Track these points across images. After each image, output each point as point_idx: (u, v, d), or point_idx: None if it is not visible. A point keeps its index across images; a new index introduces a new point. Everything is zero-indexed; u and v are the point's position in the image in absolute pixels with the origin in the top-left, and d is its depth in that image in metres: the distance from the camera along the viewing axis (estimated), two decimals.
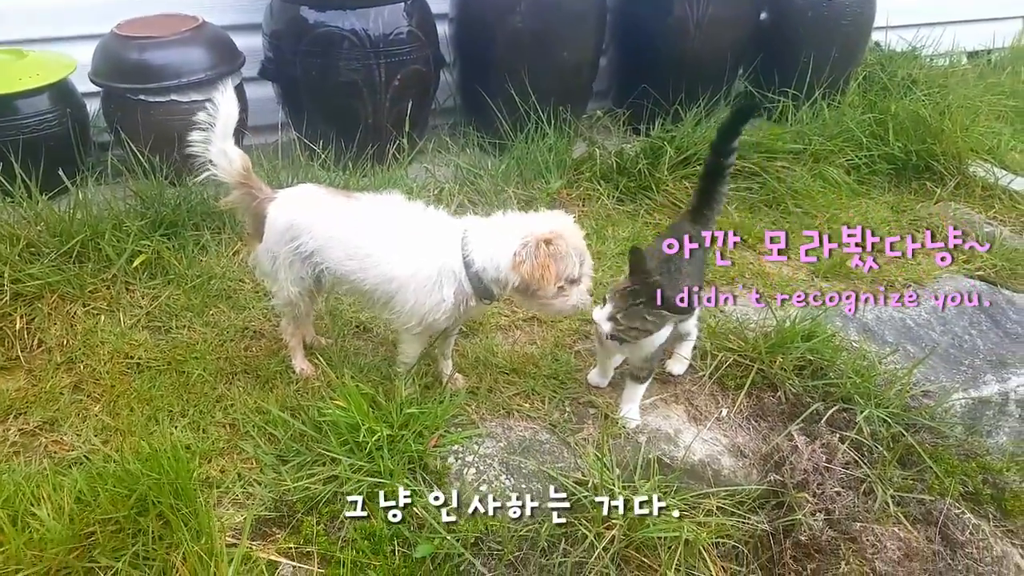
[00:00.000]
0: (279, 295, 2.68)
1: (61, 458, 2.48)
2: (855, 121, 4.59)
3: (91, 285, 3.18)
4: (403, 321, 2.53)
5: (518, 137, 4.25)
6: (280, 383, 2.79)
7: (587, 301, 2.48)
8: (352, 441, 2.38)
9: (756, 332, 3.03)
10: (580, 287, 2.45)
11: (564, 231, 2.39)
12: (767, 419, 2.81)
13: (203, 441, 2.53)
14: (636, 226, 3.90)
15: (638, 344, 2.49)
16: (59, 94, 3.84)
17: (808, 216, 4.10)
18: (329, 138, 4.04)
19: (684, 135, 4.23)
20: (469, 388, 2.78)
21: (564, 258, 2.36)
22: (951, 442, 2.78)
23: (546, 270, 2.32)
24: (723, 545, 2.40)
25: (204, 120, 2.53)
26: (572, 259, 2.38)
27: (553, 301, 2.43)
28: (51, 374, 2.82)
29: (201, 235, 3.50)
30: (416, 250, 2.46)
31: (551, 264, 2.33)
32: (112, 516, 2.13)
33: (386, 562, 2.15)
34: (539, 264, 2.32)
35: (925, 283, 3.63)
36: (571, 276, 2.39)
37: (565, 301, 2.44)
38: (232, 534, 2.21)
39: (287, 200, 2.60)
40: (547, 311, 2.57)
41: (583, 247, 2.44)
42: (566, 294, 2.42)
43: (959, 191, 4.41)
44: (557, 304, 2.45)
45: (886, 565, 2.34)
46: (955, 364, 3.18)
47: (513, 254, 2.34)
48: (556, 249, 2.34)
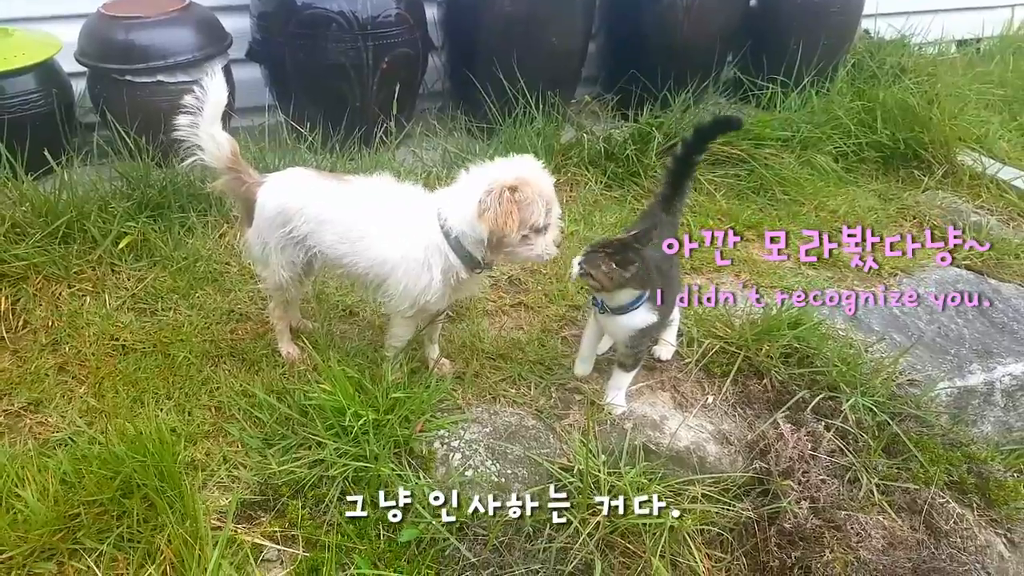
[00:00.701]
0: (269, 280, 2.66)
1: (46, 439, 2.46)
2: (843, 109, 4.59)
3: (76, 266, 3.16)
4: (396, 304, 2.51)
5: (506, 121, 4.22)
6: (266, 366, 2.78)
7: (553, 251, 2.43)
8: (338, 425, 2.38)
9: (743, 319, 3.04)
10: (547, 236, 2.40)
11: (530, 177, 2.33)
12: (753, 406, 2.82)
13: (188, 424, 2.52)
14: (624, 212, 3.89)
15: (617, 322, 2.50)
16: (44, 74, 3.79)
17: (796, 204, 4.10)
18: (316, 121, 4.01)
19: (672, 121, 4.23)
20: (455, 373, 2.78)
21: (529, 205, 2.29)
22: (936, 431, 2.80)
23: (509, 217, 2.26)
24: (708, 532, 2.42)
25: (191, 103, 2.49)
26: (538, 206, 2.31)
27: (518, 249, 2.39)
28: (36, 355, 2.80)
29: (187, 217, 3.48)
30: (404, 231, 2.44)
31: (514, 210, 2.26)
32: (97, 498, 2.12)
33: (371, 546, 2.15)
34: (503, 211, 2.25)
35: (912, 272, 3.65)
36: (536, 224, 2.33)
37: (530, 250, 2.40)
38: (217, 517, 2.21)
39: (277, 184, 2.58)
40: (513, 260, 2.54)
41: (551, 194, 2.37)
42: (531, 243, 2.38)
43: (947, 180, 4.43)
44: (522, 252, 2.41)
45: (870, 553, 2.36)
46: (941, 353, 3.21)
47: (478, 202, 2.29)
48: (521, 195, 2.28)
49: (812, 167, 4.32)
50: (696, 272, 3.52)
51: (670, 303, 2.61)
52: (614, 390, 2.68)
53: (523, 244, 2.38)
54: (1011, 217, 4.22)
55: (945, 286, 3.57)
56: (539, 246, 2.40)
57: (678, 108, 4.32)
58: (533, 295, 3.25)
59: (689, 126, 4.18)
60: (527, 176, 2.33)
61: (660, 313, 2.53)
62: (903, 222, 4.11)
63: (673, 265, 2.67)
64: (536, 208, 2.32)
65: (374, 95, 4.09)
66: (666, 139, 4.13)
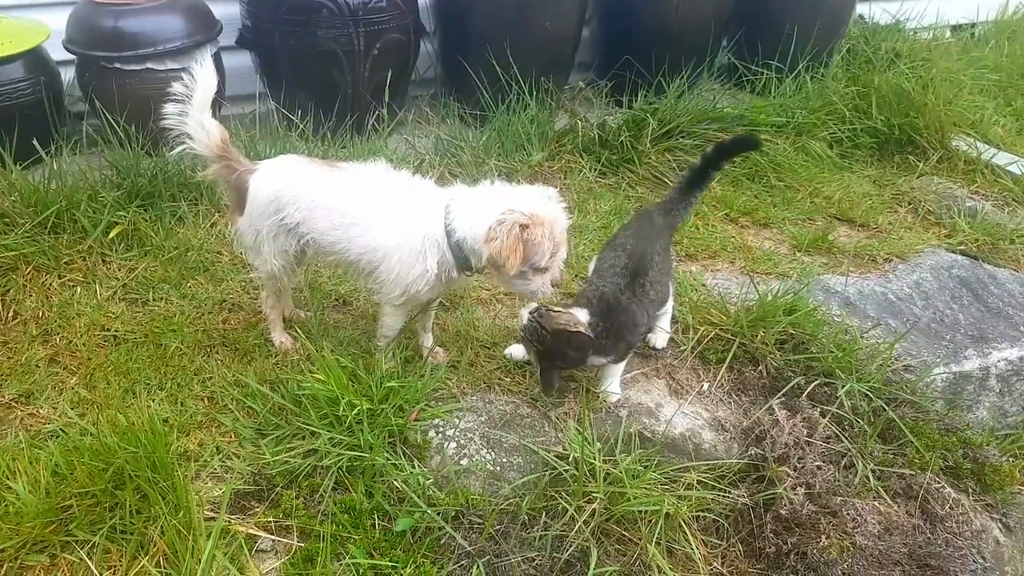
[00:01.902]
0: (261, 268, 2.64)
1: (37, 431, 2.44)
2: (838, 94, 4.58)
3: (67, 256, 3.13)
4: (387, 292, 2.50)
5: (499, 108, 4.21)
6: (259, 356, 2.76)
7: (548, 291, 2.44)
8: (332, 415, 2.36)
9: (738, 306, 3.03)
10: (545, 276, 2.40)
11: (546, 217, 2.32)
12: (748, 393, 2.81)
13: (181, 414, 2.50)
14: (618, 199, 3.88)
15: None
16: (32, 62, 3.75)
17: (790, 190, 4.10)
18: (308, 108, 3.98)
19: (667, 107, 4.21)
20: (450, 362, 2.76)
21: (536, 246, 2.30)
22: (932, 416, 2.80)
23: (513, 253, 2.27)
24: (703, 518, 2.42)
25: (180, 92, 2.46)
26: (544, 248, 2.31)
27: (513, 281, 2.41)
28: (27, 346, 2.78)
29: (178, 206, 3.45)
30: (401, 219, 2.42)
31: (519, 248, 2.27)
32: (89, 490, 2.11)
33: (366, 535, 2.14)
34: (508, 246, 2.26)
35: (907, 257, 3.64)
36: (537, 264, 2.34)
37: (525, 285, 2.42)
38: (210, 508, 2.20)
39: (269, 172, 2.55)
40: (507, 287, 2.57)
41: (562, 237, 2.37)
42: (528, 280, 2.39)
43: (941, 165, 4.42)
44: (517, 285, 2.44)
45: (866, 539, 2.36)
46: (936, 339, 3.20)
47: (488, 228, 2.29)
48: (530, 235, 2.28)
49: (807, 153, 4.31)
50: (691, 259, 3.51)
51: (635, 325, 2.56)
52: (609, 378, 2.67)
53: (520, 278, 2.39)
54: (1006, 202, 4.21)
55: (940, 271, 3.56)
56: (535, 284, 2.41)
57: (672, 94, 4.30)
58: None
59: (684, 112, 4.18)
60: (543, 215, 2.32)
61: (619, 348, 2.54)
62: (898, 208, 4.10)
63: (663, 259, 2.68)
64: (542, 251, 2.32)
65: (365, 82, 4.05)
66: (660, 125, 4.11)
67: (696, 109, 4.23)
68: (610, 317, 2.49)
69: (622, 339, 2.52)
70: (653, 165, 4.06)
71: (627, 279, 2.56)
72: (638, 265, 2.59)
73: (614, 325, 2.48)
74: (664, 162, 4.06)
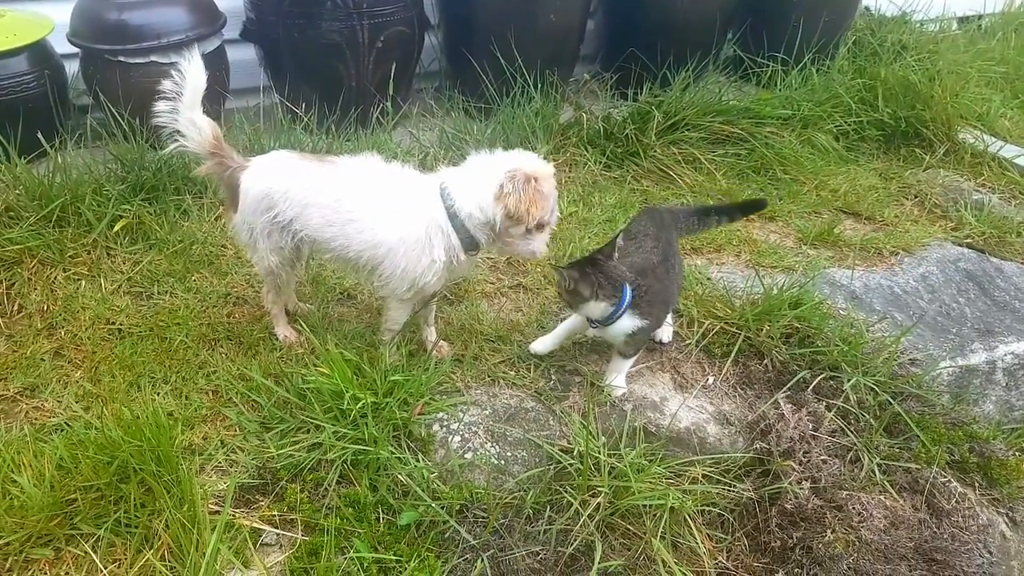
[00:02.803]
0: (259, 265, 2.64)
1: (42, 424, 2.45)
2: (844, 87, 4.56)
3: (71, 250, 3.13)
4: (393, 287, 2.48)
5: (504, 101, 4.19)
6: (263, 350, 2.76)
7: (544, 250, 2.47)
8: (336, 408, 2.36)
9: (743, 300, 3.02)
10: (545, 234, 2.45)
11: (545, 174, 2.38)
12: (753, 387, 2.80)
13: (186, 408, 2.50)
14: (623, 192, 3.86)
15: (607, 332, 2.55)
16: (37, 55, 3.75)
17: (796, 183, 4.08)
18: (312, 101, 3.97)
19: (672, 100, 4.19)
20: (454, 356, 2.76)
21: (547, 199, 2.35)
22: (938, 410, 2.79)
23: (533, 204, 2.31)
24: (708, 513, 2.41)
25: (170, 89, 2.44)
26: (552, 203, 2.38)
27: (518, 241, 2.43)
28: (32, 339, 2.78)
29: (182, 200, 3.45)
30: (400, 213, 2.41)
31: (537, 198, 2.32)
32: (94, 483, 2.11)
33: (370, 529, 2.14)
34: (526, 197, 2.30)
35: (913, 250, 3.62)
36: (544, 220, 2.38)
37: (528, 244, 2.44)
38: (215, 501, 2.20)
39: (260, 168, 2.53)
40: (507, 251, 2.57)
41: (555, 195, 2.43)
42: (531, 238, 2.42)
43: (948, 158, 4.40)
44: (520, 246, 2.45)
45: (872, 533, 2.35)
46: (943, 332, 3.19)
47: (499, 185, 2.31)
48: (541, 187, 2.34)
49: (813, 146, 4.29)
50: (696, 252, 3.49)
51: (666, 302, 2.61)
52: (614, 373, 2.66)
53: (524, 237, 2.41)
54: (1013, 195, 4.19)
55: (947, 265, 3.54)
56: (537, 242, 2.44)
57: (678, 87, 4.27)
58: (532, 277, 3.23)
59: (689, 104, 4.15)
60: (543, 172, 2.37)
61: (652, 315, 2.53)
62: (904, 201, 4.08)
63: (671, 265, 2.65)
64: (551, 204, 2.37)
65: (370, 75, 4.04)
66: (666, 118, 4.09)
67: (701, 102, 4.20)
68: (646, 277, 2.50)
69: (655, 306, 2.52)
70: (658, 158, 4.04)
71: (659, 257, 2.58)
72: (667, 248, 2.62)
73: (649, 290, 2.49)
74: (669, 155, 4.04)
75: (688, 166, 4.04)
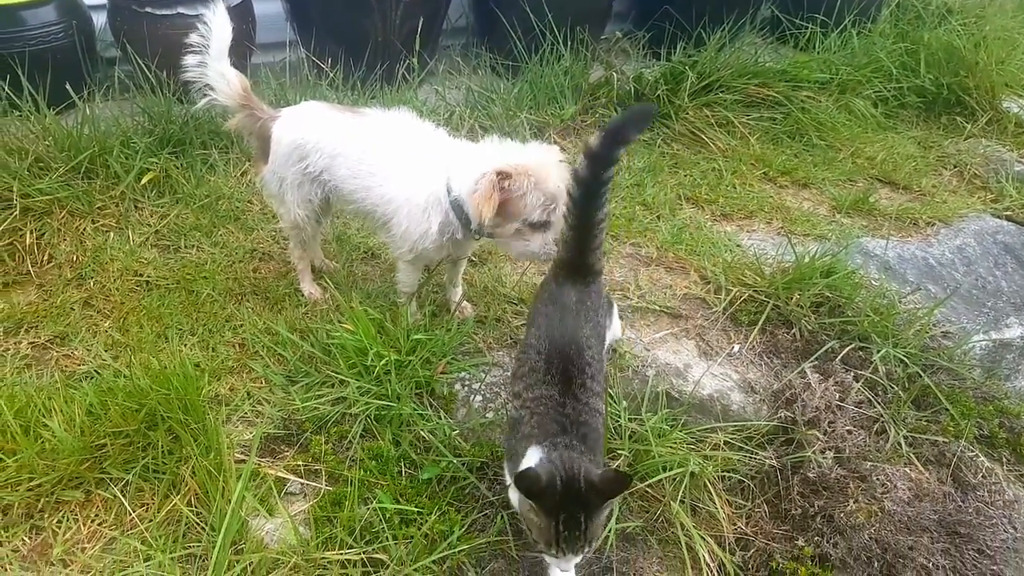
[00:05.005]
0: (285, 218, 2.63)
1: (72, 372, 2.49)
2: (885, 51, 4.43)
3: (100, 202, 3.15)
4: (396, 246, 2.47)
5: (532, 59, 4.11)
6: (288, 305, 2.78)
7: (551, 251, 2.22)
8: (360, 364, 2.37)
9: (773, 268, 2.97)
10: (546, 235, 2.23)
11: (536, 169, 2.16)
12: (780, 356, 2.77)
13: (212, 359, 2.53)
14: (652, 156, 3.80)
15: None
16: (65, 6, 3.74)
17: (832, 149, 3.98)
18: (338, 56, 3.93)
19: (707, 60, 4.09)
20: (477, 317, 2.75)
21: (522, 197, 2.15)
22: (968, 384, 2.74)
23: (486, 201, 2.12)
24: (729, 479, 2.40)
25: (197, 42, 2.42)
26: (531, 200, 2.16)
27: (510, 241, 2.27)
28: (61, 289, 2.81)
29: (209, 154, 3.45)
30: (413, 173, 2.36)
31: (494, 196, 2.12)
32: (123, 430, 2.14)
33: (393, 482, 2.16)
34: (482, 193, 2.13)
35: (950, 222, 3.54)
36: (530, 219, 2.19)
37: (524, 245, 2.26)
38: (241, 451, 2.23)
39: (292, 119, 2.52)
40: (508, 251, 2.41)
41: (557, 192, 2.16)
42: (526, 238, 2.24)
43: (990, 127, 4.27)
44: (514, 246, 2.28)
45: (895, 504, 2.32)
46: (977, 305, 3.12)
47: (474, 182, 2.18)
48: (514, 184, 2.14)
49: (850, 112, 4.18)
50: (726, 219, 3.44)
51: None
52: None
53: (516, 237, 2.25)
54: None
55: (984, 237, 3.45)
56: (535, 244, 2.25)
57: (713, 47, 4.17)
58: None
59: (724, 65, 4.05)
60: (533, 167, 2.16)
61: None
62: (943, 170, 3.97)
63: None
64: (530, 201, 2.15)
65: (396, 30, 3.98)
66: (699, 79, 4.00)
67: (737, 63, 4.10)
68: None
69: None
70: (690, 121, 3.96)
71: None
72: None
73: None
74: (702, 118, 3.96)
75: (721, 129, 3.95)
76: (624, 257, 3.13)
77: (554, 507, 1.68)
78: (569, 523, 1.68)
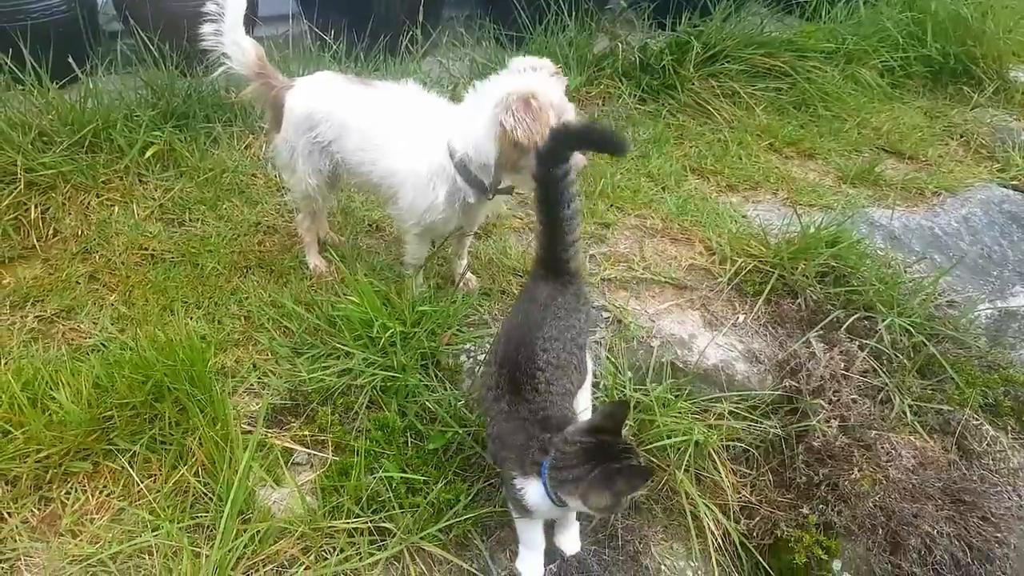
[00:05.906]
0: (296, 188, 2.63)
1: (78, 345, 2.50)
2: (892, 20, 4.38)
3: (104, 175, 3.14)
4: (404, 219, 2.46)
5: (536, 30, 4.07)
6: (294, 278, 2.78)
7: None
8: (366, 336, 2.38)
9: (779, 238, 2.96)
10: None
11: (542, 89, 2.12)
12: (785, 326, 2.77)
13: (218, 332, 2.53)
14: (658, 127, 3.77)
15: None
16: None
17: (838, 120, 3.95)
18: (341, 29, 3.89)
19: (712, 30, 4.05)
20: (481, 289, 2.75)
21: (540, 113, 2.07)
22: (974, 353, 2.74)
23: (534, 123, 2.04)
24: (734, 448, 2.41)
25: (212, 11, 2.42)
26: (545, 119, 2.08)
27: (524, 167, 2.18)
28: (67, 263, 2.82)
29: (212, 127, 3.43)
30: (415, 145, 2.35)
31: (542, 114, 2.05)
32: (129, 401, 2.16)
33: (399, 452, 2.17)
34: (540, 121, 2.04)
35: (956, 191, 3.52)
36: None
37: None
38: (247, 421, 2.24)
39: (305, 88, 2.52)
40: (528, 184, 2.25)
41: (563, 102, 2.15)
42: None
43: (997, 97, 4.24)
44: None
45: (899, 472, 2.34)
46: (983, 275, 3.11)
47: (499, 124, 2.10)
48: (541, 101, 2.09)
49: (856, 82, 4.15)
50: (732, 190, 3.42)
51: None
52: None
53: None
54: None
55: (990, 206, 3.44)
56: None
57: (719, 16, 4.12)
58: None
59: (730, 36, 4.01)
60: (537, 88, 2.13)
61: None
62: (949, 140, 3.94)
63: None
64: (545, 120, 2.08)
65: (399, 1, 3.94)
66: (705, 49, 3.96)
67: (743, 33, 4.06)
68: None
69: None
70: (696, 91, 3.93)
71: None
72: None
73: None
74: (707, 88, 3.93)
75: (726, 100, 3.93)
76: (629, 228, 3.12)
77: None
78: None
